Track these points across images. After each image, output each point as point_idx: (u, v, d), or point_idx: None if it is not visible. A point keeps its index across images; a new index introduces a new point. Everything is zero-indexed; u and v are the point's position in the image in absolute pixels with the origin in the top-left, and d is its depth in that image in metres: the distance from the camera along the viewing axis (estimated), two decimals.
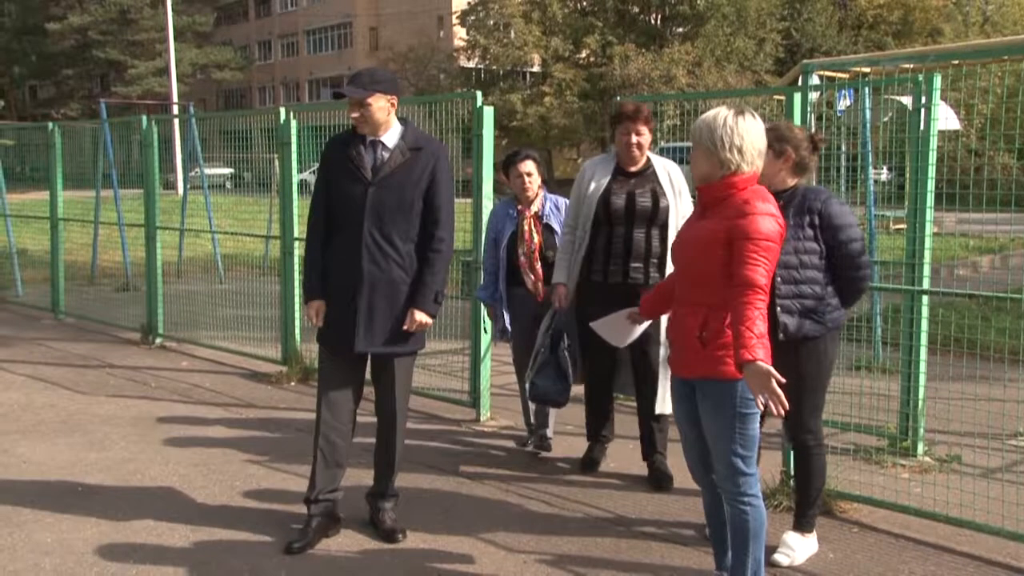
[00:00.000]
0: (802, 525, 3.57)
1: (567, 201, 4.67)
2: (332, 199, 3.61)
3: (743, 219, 2.80)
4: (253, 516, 3.98)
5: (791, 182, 3.45)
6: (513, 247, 4.72)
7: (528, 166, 4.70)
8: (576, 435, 5.11)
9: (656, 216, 4.21)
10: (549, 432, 4.86)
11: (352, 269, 3.55)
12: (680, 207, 4.24)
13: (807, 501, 3.56)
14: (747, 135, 2.87)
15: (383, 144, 3.59)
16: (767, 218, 2.80)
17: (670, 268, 3.69)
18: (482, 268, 5.01)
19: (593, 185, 4.29)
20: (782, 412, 2.65)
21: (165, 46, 33.32)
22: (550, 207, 4.76)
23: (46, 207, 9.48)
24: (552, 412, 4.85)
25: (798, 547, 3.52)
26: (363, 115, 3.54)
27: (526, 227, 4.69)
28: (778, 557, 3.47)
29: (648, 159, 4.32)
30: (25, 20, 49.90)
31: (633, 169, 4.29)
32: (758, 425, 2.94)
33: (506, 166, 4.79)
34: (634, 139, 4.21)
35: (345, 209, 3.57)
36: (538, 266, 4.66)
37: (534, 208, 4.72)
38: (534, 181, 4.72)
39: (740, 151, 2.86)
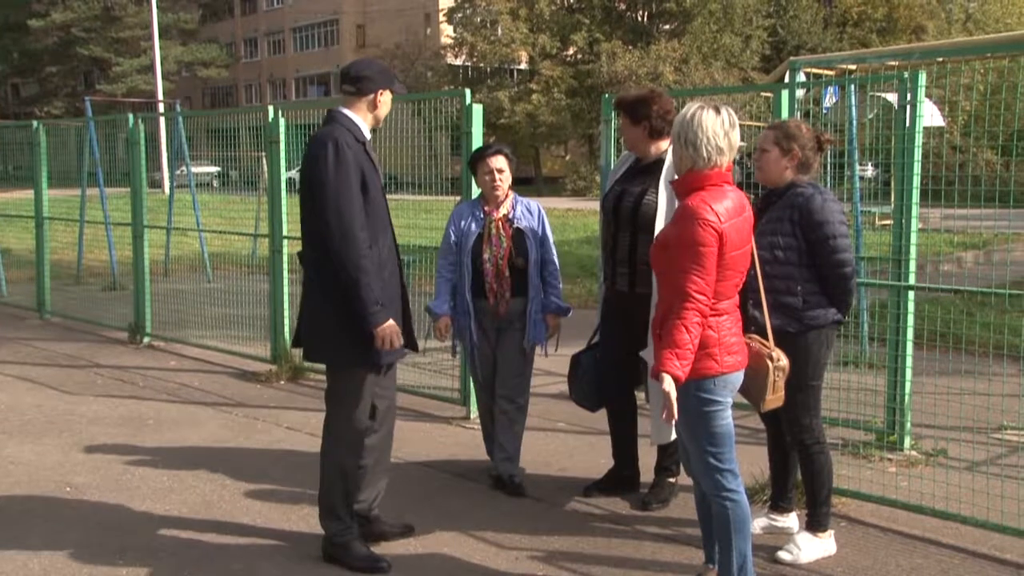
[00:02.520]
0: (812, 525, 3.52)
1: (539, 205, 4.33)
2: (369, 206, 3.34)
3: (675, 225, 2.82)
4: (244, 515, 3.98)
5: (791, 179, 3.41)
6: (479, 252, 4.15)
7: (499, 162, 4.14)
8: (567, 432, 5.13)
9: (637, 217, 3.77)
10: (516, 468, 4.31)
11: (397, 271, 3.52)
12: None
13: (813, 500, 3.52)
14: (702, 131, 2.80)
15: (366, 137, 3.45)
16: (697, 223, 2.74)
17: None
18: (437, 275, 4.30)
19: (608, 181, 4.09)
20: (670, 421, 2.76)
21: (150, 43, 33.07)
22: (521, 210, 4.21)
23: (29, 206, 9.41)
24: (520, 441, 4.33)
25: (805, 546, 3.48)
26: None
27: (494, 230, 4.14)
28: (781, 554, 3.46)
29: (666, 151, 3.79)
30: (7, 17, 49.35)
31: (646, 162, 3.88)
32: (729, 421, 2.92)
33: (474, 162, 4.27)
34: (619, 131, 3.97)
35: (381, 213, 3.43)
36: (506, 274, 4.12)
37: (503, 210, 4.17)
38: (505, 179, 4.14)
39: (694, 146, 2.81)
